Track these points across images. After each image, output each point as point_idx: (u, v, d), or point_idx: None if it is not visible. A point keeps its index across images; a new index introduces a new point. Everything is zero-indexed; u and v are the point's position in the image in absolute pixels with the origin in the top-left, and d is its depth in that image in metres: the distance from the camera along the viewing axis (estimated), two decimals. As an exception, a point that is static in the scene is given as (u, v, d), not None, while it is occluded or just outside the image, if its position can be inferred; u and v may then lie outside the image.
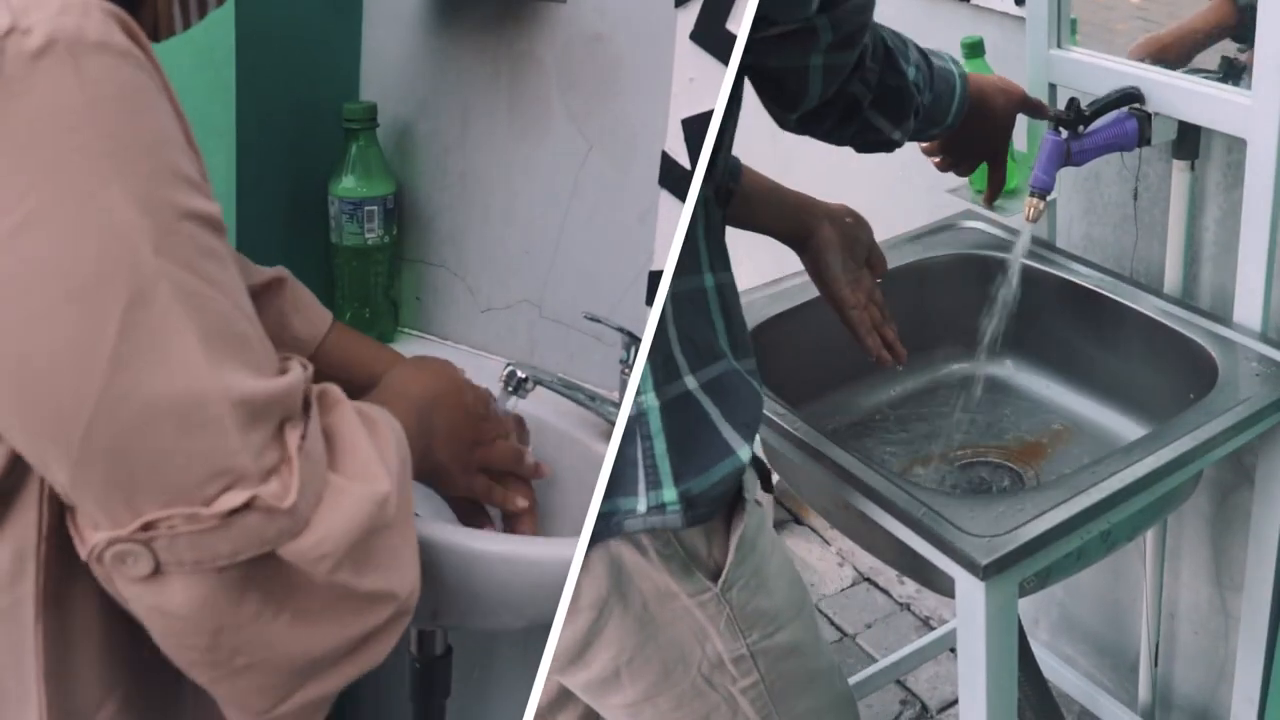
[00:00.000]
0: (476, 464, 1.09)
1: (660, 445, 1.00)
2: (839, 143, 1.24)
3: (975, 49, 1.53)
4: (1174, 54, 1.48)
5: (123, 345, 0.66)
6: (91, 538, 0.69)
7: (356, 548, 0.74)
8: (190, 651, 0.72)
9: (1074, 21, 1.57)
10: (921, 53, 1.26)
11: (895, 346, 1.34)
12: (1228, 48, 1.44)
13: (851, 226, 1.33)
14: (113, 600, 0.74)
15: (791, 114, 1.14)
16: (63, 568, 0.75)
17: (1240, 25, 1.42)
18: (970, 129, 1.38)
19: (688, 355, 1.03)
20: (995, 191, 1.51)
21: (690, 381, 1.02)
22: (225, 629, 0.71)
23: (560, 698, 1.31)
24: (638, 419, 0.99)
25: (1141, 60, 1.49)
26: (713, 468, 1.02)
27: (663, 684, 1.07)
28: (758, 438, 1.06)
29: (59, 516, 0.74)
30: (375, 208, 1.50)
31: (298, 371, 0.75)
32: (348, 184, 1.50)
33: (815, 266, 1.33)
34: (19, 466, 0.73)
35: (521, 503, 1.12)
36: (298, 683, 0.75)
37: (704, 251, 1.04)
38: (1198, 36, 1.47)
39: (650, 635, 1.04)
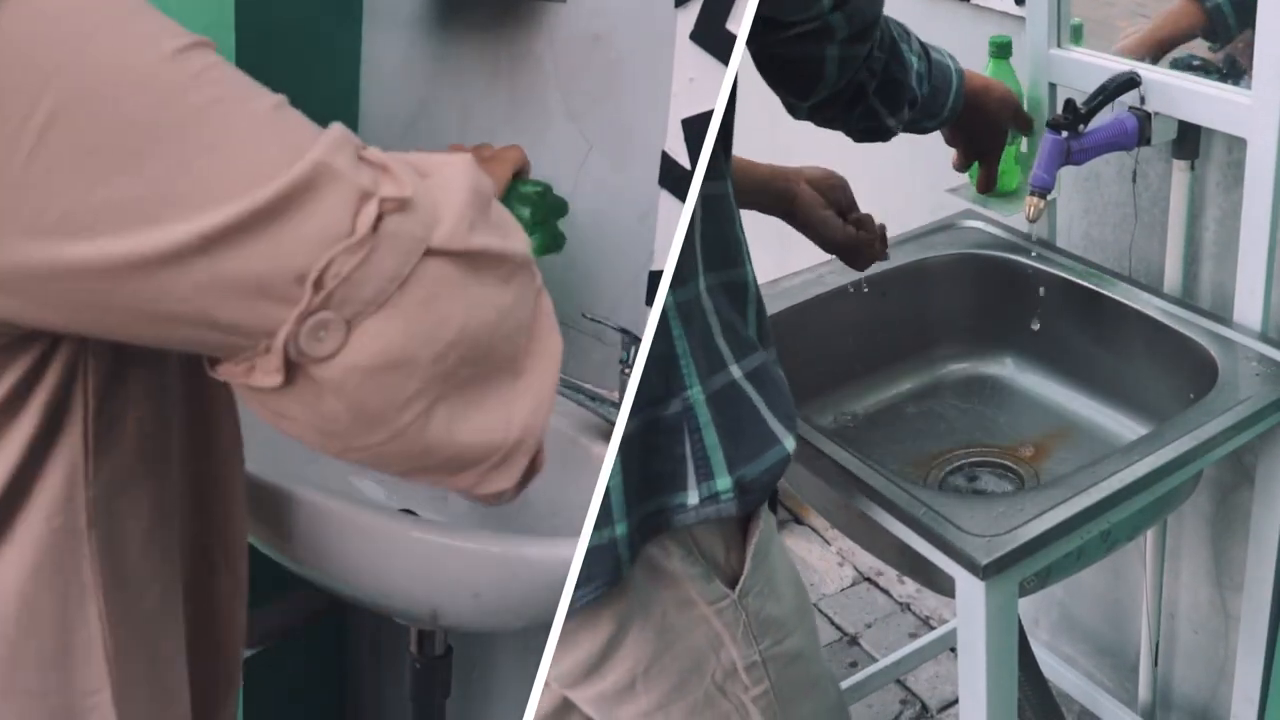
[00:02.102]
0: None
1: (711, 437, 1.00)
2: (842, 128, 1.28)
3: (1004, 49, 1.54)
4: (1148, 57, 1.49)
5: (209, 178, 0.68)
6: (277, 339, 0.69)
7: (479, 208, 0.76)
8: (417, 399, 0.72)
9: (1079, 26, 1.57)
10: (922, 45, 1.30)
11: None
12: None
13: (826, 178, 1.38)
14: (153, 506, 0.83)
15: (804, 102, 1.19)
16: (109, 480, 0.81)
17: (1210, 27, 1.44)
18: (968, 126, 1.42)
19: (730, 345, 1.04)
20: (989, 183, 1.52)
21: (735, 371, 1.03)
22: (436, 344, 0.72)
23: (563, 707, 1.31)
24: (684, 414, 1.00)
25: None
26: (763, 455, 1.03)
27: (677, 693, 1.07)
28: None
29: (102, 430, 0.78)
30: None
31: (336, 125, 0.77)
32: None
33: (806, 225, 1.37)
34: (69, 381, 0.77)
35: None
36: (517, 379, 0.77)
37: (743, 243, 1.06)
38: (1164, 45, 1.48)
39: (668, 644, 1.04)
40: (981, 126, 1.45)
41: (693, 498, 1.00)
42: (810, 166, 1.39)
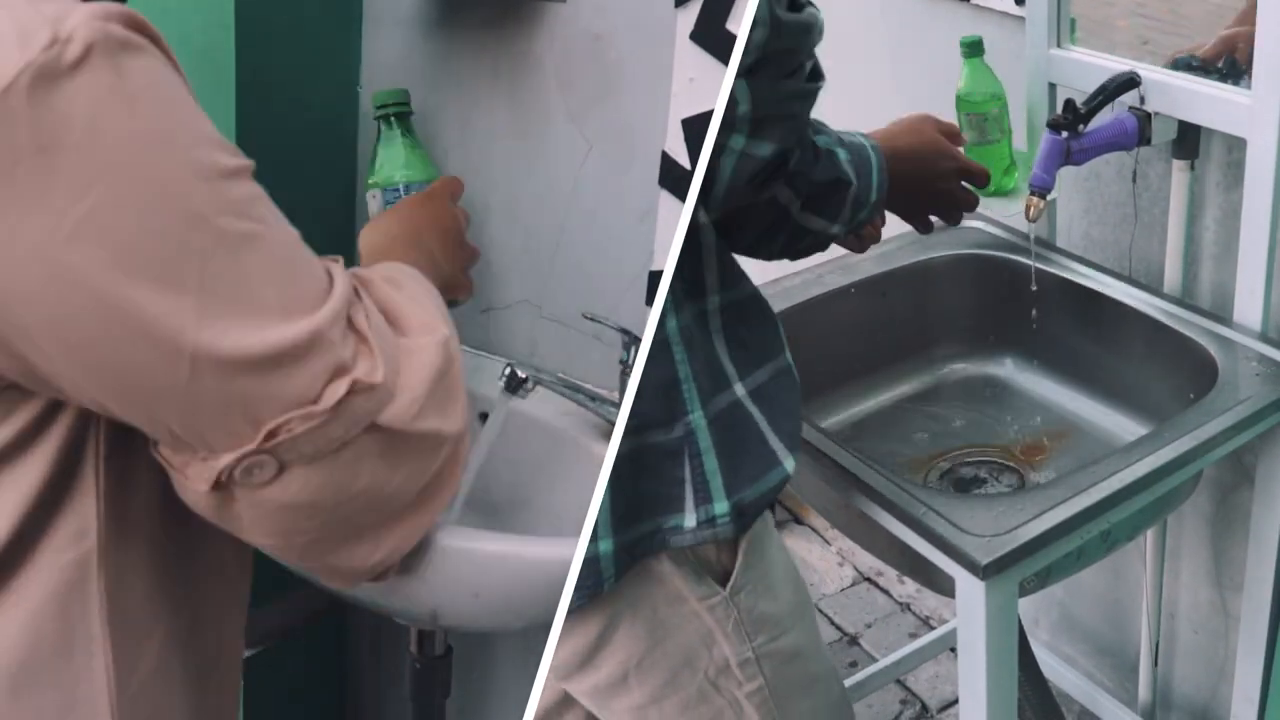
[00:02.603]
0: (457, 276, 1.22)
1: (711, 462, 1.01)
2: (767, 257, 1.11)
3: (974, 48, 1.53)
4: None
5: (207, 305, 0.74)
6: (217, 463, 0.77)
7: (435, 393, 0.86)
8: (309, 534, 0.83)
9: (1073, 20, 1.57)
10: (837, 134, 1.12)
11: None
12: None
13: None
14: (156, 546, 0.86)
15: (709, 210, 1.01)
16: (116, 524, 0.84)
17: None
18: (905, 194, 1.23)
19: (738, 363, 1.04)
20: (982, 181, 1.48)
21: (739, 389, 1.04)
22: (342, 500, 0.82)
23: (565, 700, 1.31)
24: (685, 438, 1.00)
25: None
26: (762, 477, 1.03)
27: (670, 687, 1.07)
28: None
29: (113, 478, 0.83)
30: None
31: (340, 268, 0.84)
32: (387, 173, 1.39)
33: None
34: (81, 435, 0.81)
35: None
36: (397, 524, 0.88)
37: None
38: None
39: (659, 640, 1.05)
40: (918, 185, 1.25)
41: (690, 520, 1.01)
42: None
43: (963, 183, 1.29)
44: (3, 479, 0.80)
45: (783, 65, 0.95)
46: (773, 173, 0.99)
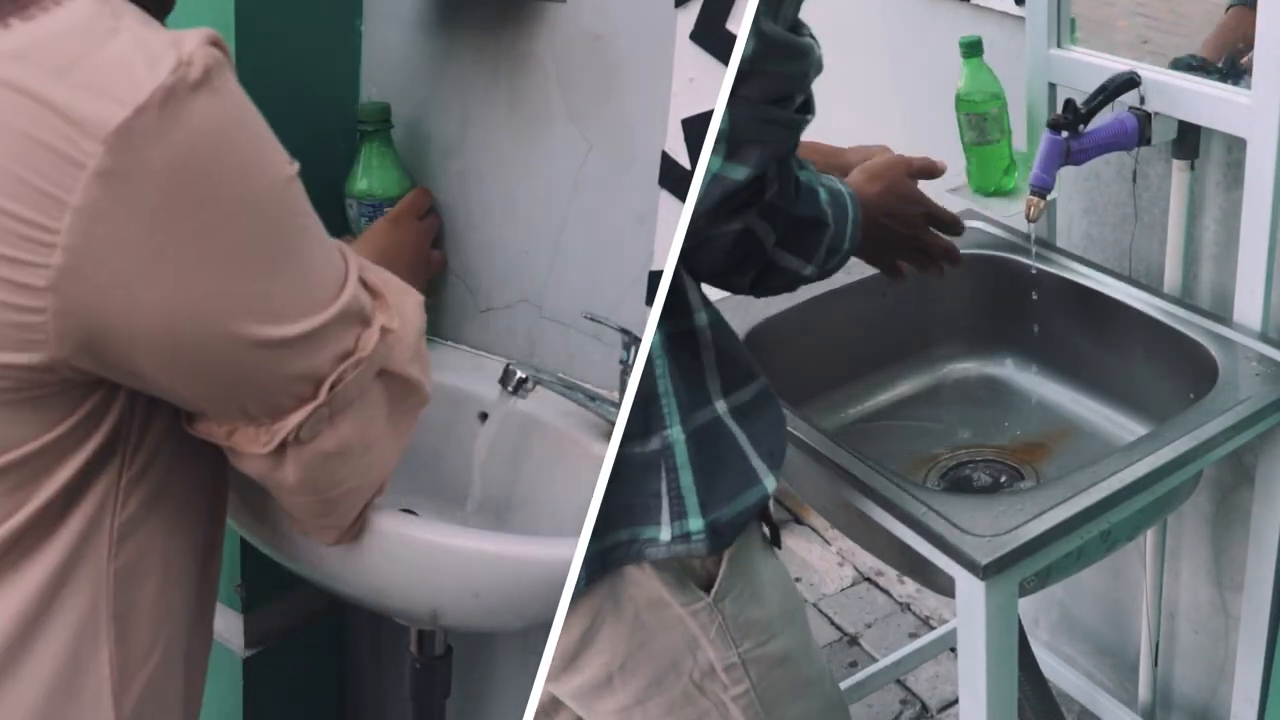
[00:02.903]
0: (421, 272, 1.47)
1: (687, 478, 1.01)
2: (734, 290, 1.08)
3: (974, 48, 1.53)
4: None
5: (290, 294, 0.86)
6: (286, 424, 0.89)
7: (419, 344, 1.00)
8: (341, 485, 0.97)
9: (1073, 20, 1.57)
10: (817, 174, 1.10)
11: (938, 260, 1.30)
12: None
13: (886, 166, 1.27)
14: (167, 540, 0.93)
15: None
16: (131, 515, 0.90)
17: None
18: (873, 235, 1.20)
19: (724, 378, 1.04)
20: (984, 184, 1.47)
21: (720, 406, 1.03)
22: (374, 440, 0.96)
23: (553, 702, 1.31)
24: (662, 452, 1.00)
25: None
26: (739, 496, 1.03)
27: (654, 689, 1.07)
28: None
29: (138, 470, 0.89)
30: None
31: (343, 244, 0.95)
32: (363, 186, 1.49)
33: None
34: (128, 415, 0.88)
35: None
36: (379, 469, 1.00)
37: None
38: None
39: (642, 642, 1.05)
40: (881, 232, 1.23)
41: (665, 534, 1.01)
42: (860, 148, 1.26)
43: (933, 230, 1.28)
44: (56, 472, 0.85)
45: (769, 88, 0.93)
46: (747, 200, 0.96)
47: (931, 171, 1.29)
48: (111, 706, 0.89)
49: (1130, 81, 1.42)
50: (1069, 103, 1.42)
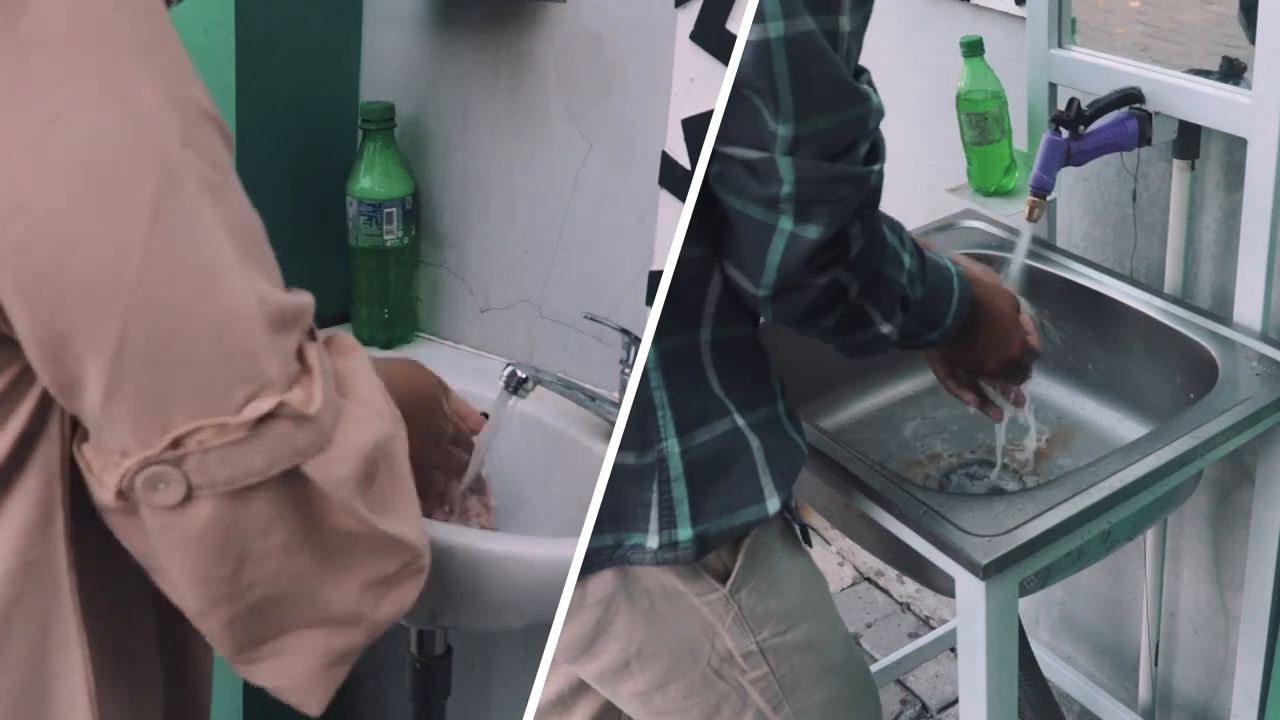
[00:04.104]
0: (426, 464, 1.11)
1: (680, 490, 1.00)
2: (818, 336, 1.05)
3: (974, 48, 1.53)
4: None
5: (155, 233, 0.67)
6: (120, 466, 0.69)
7: (369, 475, 0.75)
8: (211, 584, 0.72)
9: (1073, 20, 1.57)
10: (915, 243, 1.08)
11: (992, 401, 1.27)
12: (1226, 51, 1.44)
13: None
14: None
15: (755, 289, 0.96)
16: (87, 512, 0.75)
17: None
18: (972, 335, 1.17)
19: (738, 393, 1.03)
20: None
21: (739, 419, 1.03)
22: (250, 558, 0.71)
23: (569, 697, 1.31)
24: (656, 464, 1.00)
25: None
26: (736, 511, 1.03)
27: (672, 674, 1.08)
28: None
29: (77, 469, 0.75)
30: (394, 209, 1.49)
31: (309, 297, 0.76)
32: (365, 185, 1.49)
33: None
34: (41, 413, 0.74)
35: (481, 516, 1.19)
36: (312, 622, 0.77)
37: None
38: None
39: (658, 630, 1.05)
40: (995, 334, 1.19)
41: (653, 542, 1.01)
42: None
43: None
44: None
45: (828, 144, 0.92)
46: (832, 258, 0.95)
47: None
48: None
49: (1134, 95, 1.43)
50: (1073, 100, 1.42)
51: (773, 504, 1.03)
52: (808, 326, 1.02)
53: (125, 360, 0.67)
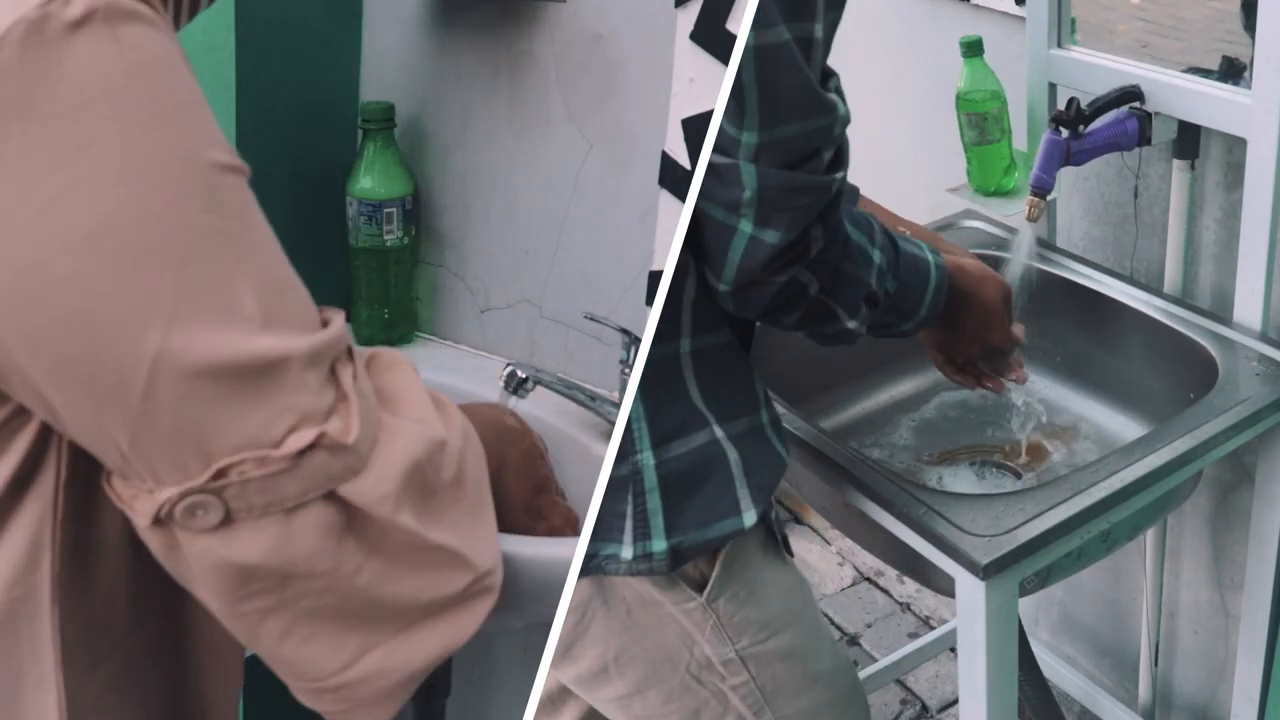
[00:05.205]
0: (536, 509, 1.11)
1: (655, 501, 1.00)
2: (785, 329, 1.08)
3: (974, 48, 1.53)
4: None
5: (181, 300, 0.68)
6: (160, 495, 0.70)
7: (415, 487, 0.75)
8: (257, 601, 0.73)
9: (1073, 20, 1.57)
10: (888, 235, 1.09)
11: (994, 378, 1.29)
12: (1227, 48, 1.44)
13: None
14: (127, 588, 0.78)
15: (717, 282, 0.98)
16: (77, 553, 0.76)
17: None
18: (952, 328, 1.20)
19: (718, 405, 1.03)
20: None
21: (718, 431, 1.03)
22: (294, 574, 0.72)
23: (557, 697, 1.31)
24: (632, 476, 1.00)
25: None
26: (711, 525, 1.02)
27: (651, 679, 1.08)
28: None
29: (73, 503, 0.75)
30: (394, 209, 1.50)
31: (340, 319, 0.77)
32: (365, 185, 1.49)
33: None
34: (37, 452, 0.74)
35: None
36: (369, 640, 0.76)
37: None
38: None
39: (635, 637, 1.05)
40: (978, 321, 1.21)
41: (627, 553, 1.01)
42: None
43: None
44: None
45: (793, 151, 0.92)
46: (790, 260, 0.96)
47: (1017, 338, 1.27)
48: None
49: (1133, 93, 1.43)
50: (1072, 100, 1.42)
51: (749, 517, 1.03)
52: (771, 322, 1.04)
53: (154, 410, 0.68)
